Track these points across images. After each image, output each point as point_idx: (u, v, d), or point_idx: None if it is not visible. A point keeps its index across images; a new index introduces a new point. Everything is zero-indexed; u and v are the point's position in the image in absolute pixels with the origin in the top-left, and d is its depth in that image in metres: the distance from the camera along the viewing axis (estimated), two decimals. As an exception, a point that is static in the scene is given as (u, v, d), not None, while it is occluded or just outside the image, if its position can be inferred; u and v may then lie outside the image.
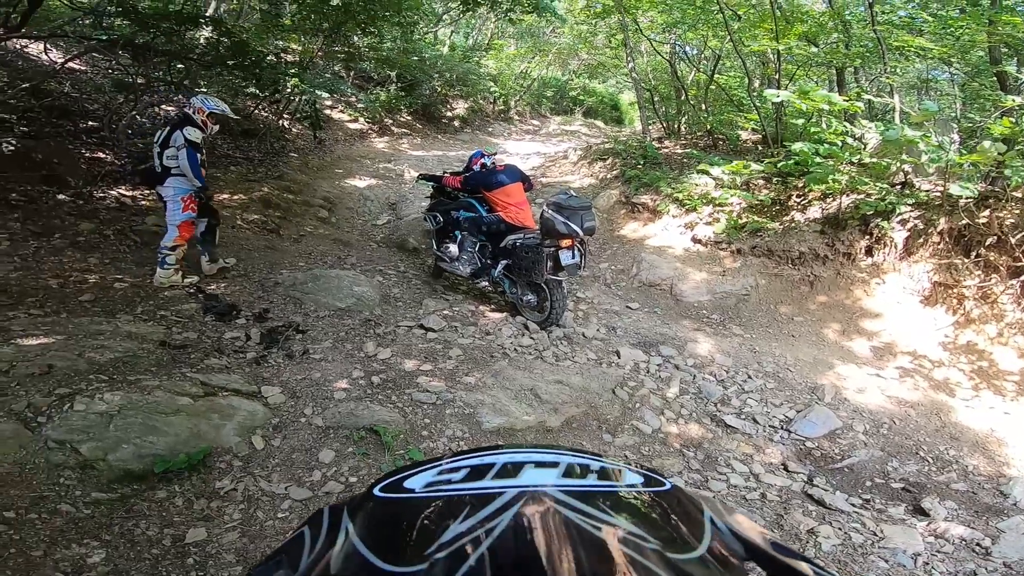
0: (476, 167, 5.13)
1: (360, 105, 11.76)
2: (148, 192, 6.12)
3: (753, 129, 8.37)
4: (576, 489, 0.60)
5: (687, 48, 11.52)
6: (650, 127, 9.86)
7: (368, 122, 12.10)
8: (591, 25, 11.44)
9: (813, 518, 3.03)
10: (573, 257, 4.43)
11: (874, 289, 5.50)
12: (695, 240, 6.46)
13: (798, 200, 6.33)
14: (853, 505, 3.19)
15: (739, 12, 7.96)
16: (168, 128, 4.30)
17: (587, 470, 0.67)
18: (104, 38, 6.20)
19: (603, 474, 0.67)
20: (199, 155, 4.24)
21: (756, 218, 6.13)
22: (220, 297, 4.21)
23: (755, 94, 7.75)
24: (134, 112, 6.56)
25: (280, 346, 3.67)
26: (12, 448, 2.38)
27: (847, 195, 5.66)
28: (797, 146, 5.53)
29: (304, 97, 9.22)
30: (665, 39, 11.13)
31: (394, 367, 3.70)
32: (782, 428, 4.01)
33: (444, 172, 5.61)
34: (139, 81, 6.86)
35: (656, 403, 4.09)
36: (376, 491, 0.64)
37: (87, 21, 6.09)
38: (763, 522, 3.04)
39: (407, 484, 0.64)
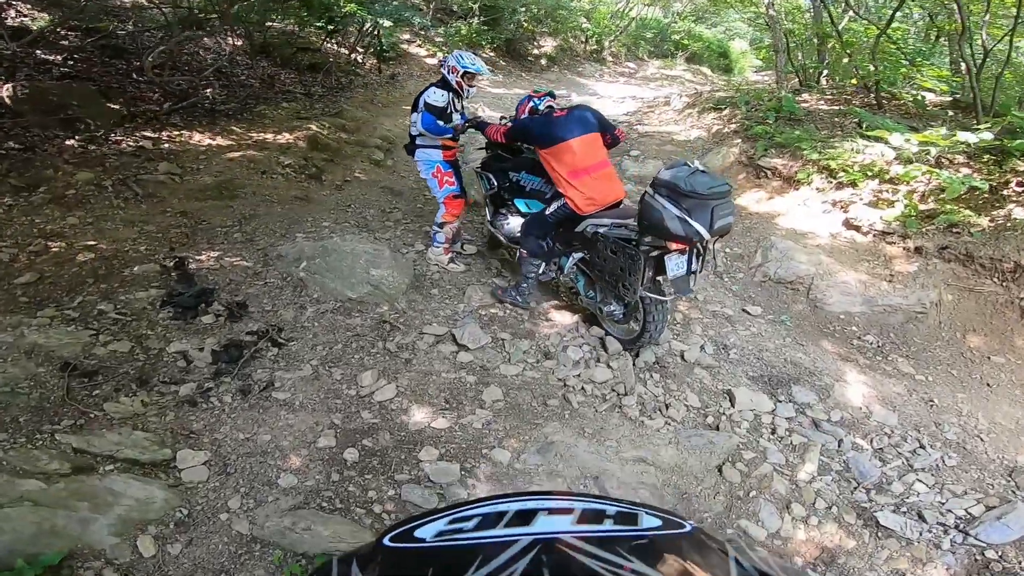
0: (524, 115, 3.25)
1: (439, 39, 10.06)
2: (176, 134, 5.04)
3: (933, 90, 5.84)
4: (592, 535, 0.56)
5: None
6: (785, 77, 7.37)
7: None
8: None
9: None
10: (688, 268, 2.65)
11: None
12: (849, 225, 4.37)
13: (1020, 190, 4.02)
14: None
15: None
16: (421, 91, 3.63)
17: (602, 515, 0.62)
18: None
19: (619, 518, 0.62)
20: (442, 121, 3.51)
21: (954, 207, 3.93)
22: (194, 279, 2.96)
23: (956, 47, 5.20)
24: (161, 48, 5.36)
25: (237, 372, 2.36)
26: None
27: None
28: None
29: (375, 28, 7.74)
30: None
31: (391, 421, 2.29)
32: (957, 529, 2.45)
33: (502, 119, 3.77)
34: (175, 14, 5.69)
35: (780, 490, 2.52)
36: (386, 541, 0.60)
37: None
38: None
39: (417, 534, 0.60)
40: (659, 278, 2.78)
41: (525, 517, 0.59)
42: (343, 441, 2.20)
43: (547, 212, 3.10)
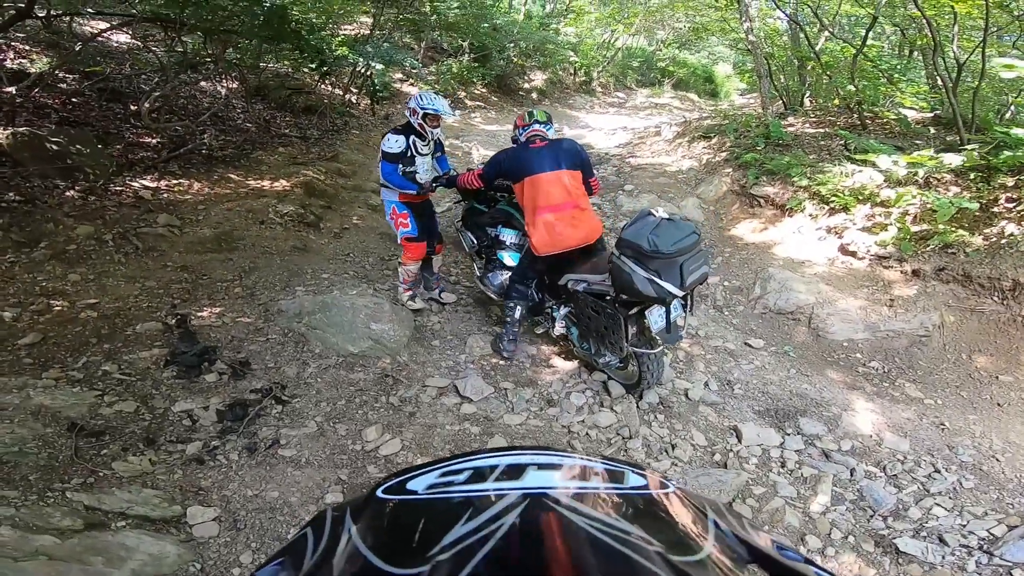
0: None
1: (431, 78, 10.41)
2: (175, 183, 5.20)
3: (914, 107, 6.08)
4: (579, 491, 0.58)
5: (809, 12, 8.98)
6: (771, 102, 7.63)
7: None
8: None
9: None
10: (668, 320, 2.63)
11: None
12: (845, 251, 4.49)
13: (1010, 206, 4.16)
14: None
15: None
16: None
17: (590, 472, 0.65)
18: (134, 13, 5.21)
19: (606, 476, 0.65)
20: (402, 165, 3.49)
21: (947, 227, 4.07)
22: (197, 337, 3.04)
23: (937, 64, 5.42)
24: (157, 92, 5.56)
25: (243, 430, 2.42)
26: None
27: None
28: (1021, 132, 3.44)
29: (367, 70, 8.05)
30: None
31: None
32: (981, 550, 2.44)
33: (469, 167, 3.76)
34: (169, 58, 5.91)
35: (793, 522, 2.55)
36: (379, 493, 0.62)
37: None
38: None
39: (410, 486, 0.61)
40: (647, 326, 2.77)
41: (516, 472, 0.61)
42: (350, 496, 2.24)
43: (521, 256, 3.17)
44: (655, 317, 2.62)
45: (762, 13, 10.34)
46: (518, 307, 3.20)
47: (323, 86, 8.67)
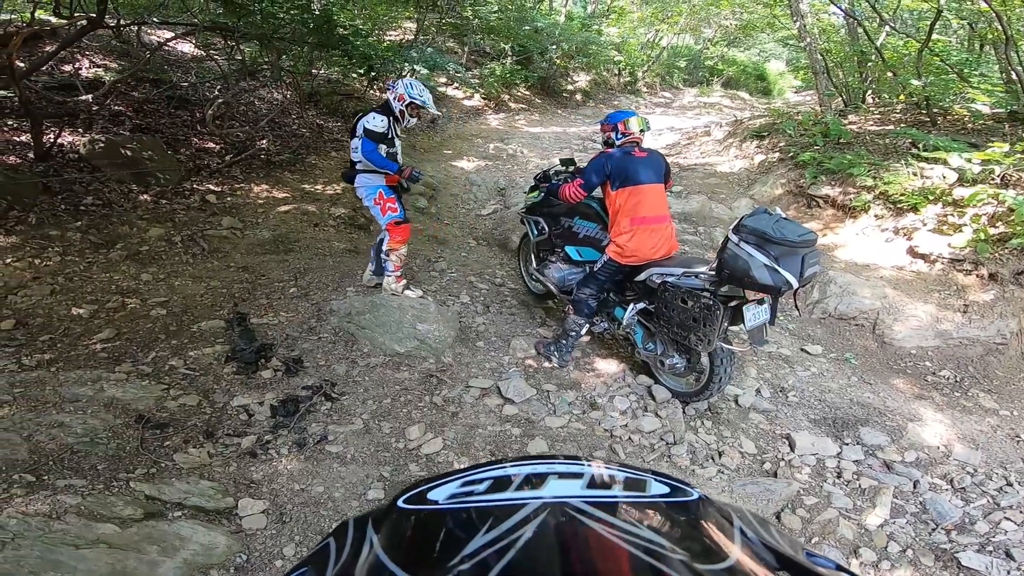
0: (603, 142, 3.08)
1: (475, 81, 10.47)
2: (236, 187, 5.44)
3: (987, 103, 5.60)
4: (600, 500, 0.57)
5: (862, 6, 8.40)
6: (829, 99, 7.20)
7: (484, 98, 10.75)
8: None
9: None
10: (772, 317, 2.58)
11: None
12: (915, 254, 4.17)
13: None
14: None
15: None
16: (359, 116, 3.53)
17: (612, 480, 0.64)
18: (196, 22, 5.50)
19: (628, 484, 0.63)
20: (384, 146, 3.44)
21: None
22: (255, 334, 3.16)
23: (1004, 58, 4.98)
24: (220, 99, 5.82)
25: (294, 425, 2.48)
26: None
27: None
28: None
29: (412, 75, 8.20)
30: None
31: (438, 473, 2.33)
32: None
33: (565, 171, 3.56)
34: (230, 66, 6.18)
35: (846, 534, 2.41)
36: (400, 503, 0.62)
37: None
38: None
39: (431, 496, 0.61)
40: (731, 329, 2.70)
41: (536, 481, 0.61)
42: (391, 493, 2.25)
43: (595, 268, 3.04)
44: (751, 314, 2.55)
45: (815, 9, 9.83)
46: (585, 325, 3.16)
47: (371, 92, 8.89)
